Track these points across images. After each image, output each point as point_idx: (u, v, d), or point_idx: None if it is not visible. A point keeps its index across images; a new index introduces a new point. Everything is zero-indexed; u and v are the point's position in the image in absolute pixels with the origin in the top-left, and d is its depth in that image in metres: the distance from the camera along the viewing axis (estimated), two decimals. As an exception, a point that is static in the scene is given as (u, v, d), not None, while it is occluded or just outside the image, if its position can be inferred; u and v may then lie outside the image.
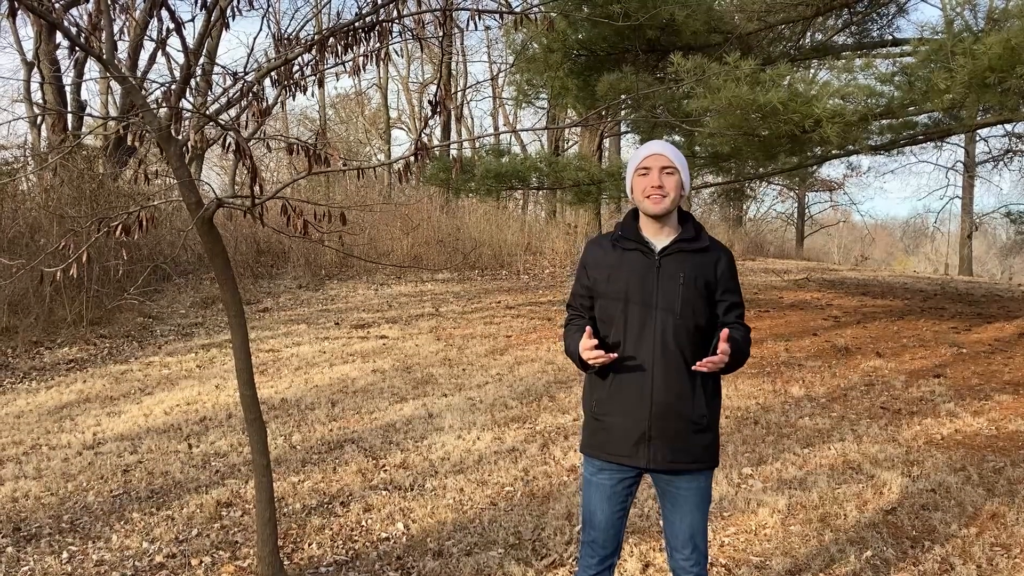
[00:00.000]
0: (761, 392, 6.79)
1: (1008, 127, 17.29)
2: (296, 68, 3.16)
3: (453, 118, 24.80)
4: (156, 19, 3.05)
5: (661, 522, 2.83)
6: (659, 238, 2.66)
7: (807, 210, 34.16)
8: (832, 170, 29.42)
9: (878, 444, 5.38)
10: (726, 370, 2.56)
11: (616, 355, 2.57)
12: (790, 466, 5.00)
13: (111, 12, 2.94)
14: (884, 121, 8.22)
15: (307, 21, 20.21)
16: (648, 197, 2.60)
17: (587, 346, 2.56)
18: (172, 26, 2.98)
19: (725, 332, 2.51)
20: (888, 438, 5.52)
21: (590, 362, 2.59)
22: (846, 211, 37.04)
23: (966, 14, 6.77)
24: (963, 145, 25.14)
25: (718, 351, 2.49)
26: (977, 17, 6.83)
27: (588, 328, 2.59)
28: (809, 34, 10.25)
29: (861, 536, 3.99)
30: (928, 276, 18.44)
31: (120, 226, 3.07)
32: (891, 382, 7.00)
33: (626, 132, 16.46)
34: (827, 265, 22.00)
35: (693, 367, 2.53)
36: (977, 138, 23.68)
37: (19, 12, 2.69)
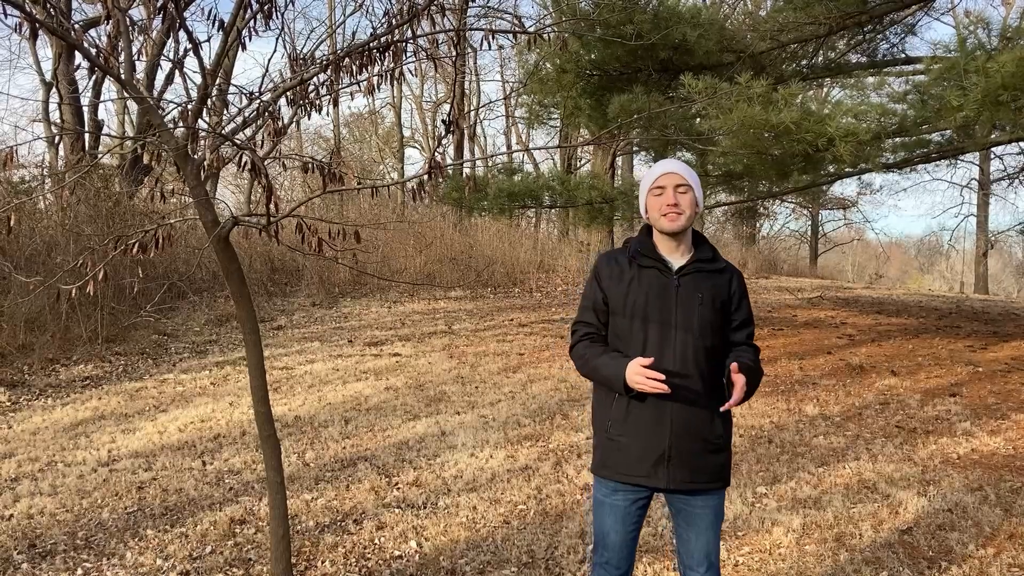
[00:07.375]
0: (775, 411, 6.75)
1: (1022, 145, 17.21)
2: (311, 88, 3.19)
3: (466, 137, 24.90)
4: (173, 40, 3.09)
5: (675, 541, 2.82)
6: (675, 257, 2.66)
7: (821, 228, 34.10)
8: (846, 188, 29.47)
9: (893, 463, 5.34)
10: (745, 397, 2.54)
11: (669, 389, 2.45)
12: (805, 485, 4.97)
13: (129, 33, 2.98)
14: (897, 139, 8.22)
15: (321, 41, 20.44)
16: (664, 215, 2.60)
17: (651, 371, 2.46)
18: (189, 46, 3.02)
19: (735, 365, 2.49)
20: (903, 457, 5.48)
21: (642, 387, 2.47)
22: (860, 229, 37.01)
23: (979, 32, 6.77)
24: (978, 163, 25.05)
25: (735, 385, 2.47)
26: (990, 35, 6.83)
27: (651, 359, 2.50)
28: (821, 53, 10.27)
29: (877, 556, 3.95)
30: (943, 294, 18.32)
31: (136, 244, 3.10)
32: (906, 401, 6.95)
33: (638, 151, 16.50)
34: (841, 283, 21.89)
35: (720, 409, 2.54)
36: (992, 156, 23.56)
37: (39, 33, 2.73)
